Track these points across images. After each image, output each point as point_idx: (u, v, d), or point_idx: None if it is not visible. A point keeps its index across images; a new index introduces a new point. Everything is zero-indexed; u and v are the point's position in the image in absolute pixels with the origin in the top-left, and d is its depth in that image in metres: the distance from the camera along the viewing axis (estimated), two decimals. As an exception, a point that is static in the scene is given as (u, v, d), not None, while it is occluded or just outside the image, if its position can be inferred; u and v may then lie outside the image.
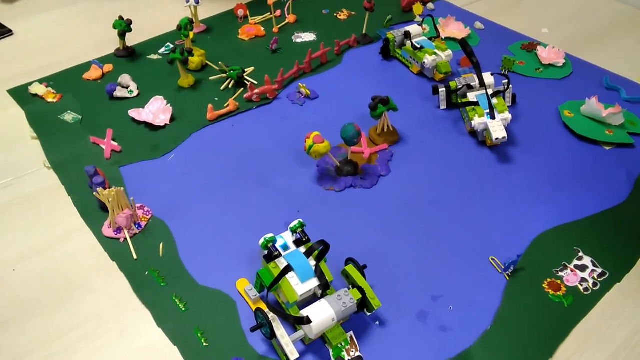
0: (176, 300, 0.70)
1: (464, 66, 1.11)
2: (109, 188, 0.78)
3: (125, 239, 0.77)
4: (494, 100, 0.92)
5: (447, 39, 1.19)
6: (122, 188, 0.78)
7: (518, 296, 0.71)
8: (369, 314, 0.67)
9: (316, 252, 0.65)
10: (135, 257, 0.75)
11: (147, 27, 1.23)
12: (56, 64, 1.13)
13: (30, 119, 0.99)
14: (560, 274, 0.73)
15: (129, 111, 0.98)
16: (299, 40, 1.21)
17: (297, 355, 0.61)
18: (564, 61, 1.12)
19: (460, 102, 0.98)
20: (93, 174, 0.82)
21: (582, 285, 0.72)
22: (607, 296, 0.71)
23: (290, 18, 1.27)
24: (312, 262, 0.66)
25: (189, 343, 0.66)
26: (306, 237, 0.68)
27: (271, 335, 0.61)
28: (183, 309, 0.69)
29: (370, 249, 0.76)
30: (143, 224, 0.80)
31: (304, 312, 0.61)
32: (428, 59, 1.05)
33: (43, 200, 0.84)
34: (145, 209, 0.82)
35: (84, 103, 1.03)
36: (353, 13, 1.30)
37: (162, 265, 0.74)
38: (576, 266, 0.74)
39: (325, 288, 0.65)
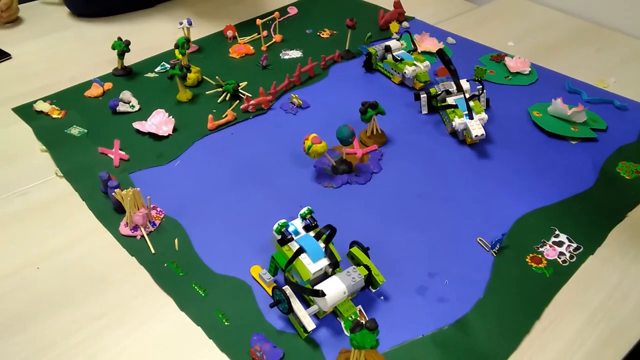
0: (196, 287, 0.76)
1: (440, 75, 1.21)
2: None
3: (142, 236, 0.83)
4: (471, 103, 1.02)
5: (423, 52, 1.30)
6: (138, 189, 0.84)
7: (505, 270, 0.79)
8: (374, 290, 0.74)
9: (324, 236, 0.72)
10: (153, 251, 0.81)
11: (141, 49, 1.29)
12: (57, 84, 1.19)
13: (37, 133, 1.04)
14: (541, 249, 0.82)
15: (133, 124, 1.05)
16: (286, 57, 1.29)
17: (314, 326, 0.67)
18: (530, 69, 1.24)
19: (440, 105, 1.07)
20: (107, 179, 0.88)
21: (560, 258, 0.80)
22: (583, 267, 0.80)
23: (277, 37, 1.36)
24: (322, 245, 0.72)
25: (211, 323, 0.71)
26: (315, 222, 0.75)
27: (288, 310, 0.68)
28: (203, 294, 0.75)
29: (369, 237, 0.83)
30: (157, 222, 0.85)
31: (318, 287, 0.68)
32: (408, 70, 1.14)
33: (58, 206, 0.89)
34: (158, 209, 0.88)
35: (88, 118, 1.08)
36: (335, 32, 1.40)
37: (179, 258, 0.80)
38: (554, 242, 0.83)
39: (334, 266, 0.72)
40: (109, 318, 0.72)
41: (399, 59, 1.17)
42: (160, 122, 1.05)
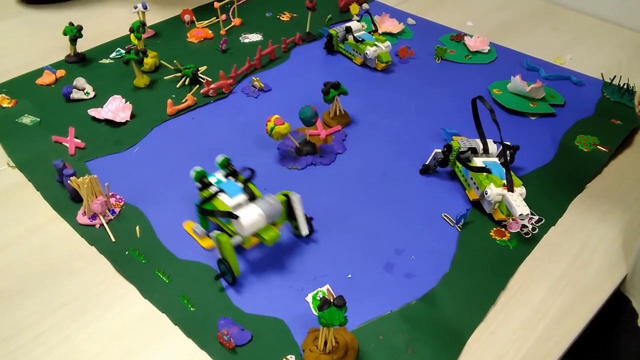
0: (159, 274, 0.74)
1: (402, 57, 1.21)
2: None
3: (102, 224, 0.80)
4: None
5: (384, 33, 1.29)
6: (95, 176, 0.81)
7: (470, 244, 0.79)
8: (304, 234, 0.77)
9: (242, 177, 0.77)
10: (113, 239, 0.78)
11: (95, 34, 1.25)
12: (6, 72, 1.13)
13: (-14, 123, 1.00)
14: (504, 223, 0.83)
15: (89, 110, 1.01)
16: (246, 41, 1.27)
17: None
18: (489, 48, 1.25)
19: (468, 165, 0.85)
20: (62, 167, 0.84)
21: (522, 231, 0.81)
22: (545, 238, 0.81)
23: (236, 21, 1.33)
24: (240, 184, 0.76)
25: (176, 309, 0.69)
26: (233, 169, 0.78)
27: (233, 281, 0.71)
28: (167, 281, 0.73)
29: (335, 217, 0.83)
30: (117, 210, 0.83)
31: (235, 212, 0.71)
32: (370, 50, 1.14)
33: (12, 197, 0.86)
34: (117, 196, 0.85)
35: (41, 106, 1.04)
36: (295, 15, 1.38)
37: (141, 245, 0.78)
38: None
39: (252, 199, 0.74)
40: (70, 308, 0.70)
41: (360, 40, 1.16)
42: (117, 109, 1.01)
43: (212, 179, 0.77)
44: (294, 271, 0.75)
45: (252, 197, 0.74)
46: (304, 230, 0.77)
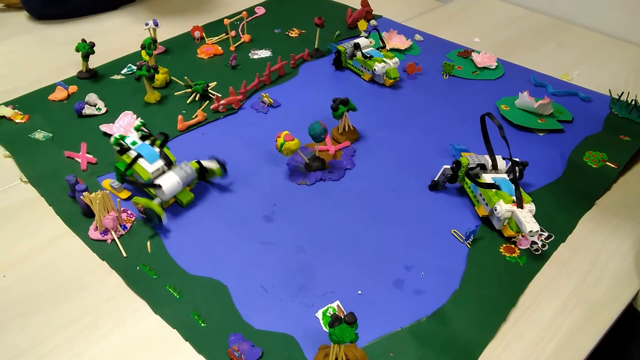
0: (170, 289, 0.74)
1: (410, 73, 1.22)
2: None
3: (113, 239, 0.81)
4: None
5: (392, 49, 1.31)
6: (108, 191, 0.82)
7: (480, 260, 0.79)
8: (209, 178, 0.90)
9: (158, 142, 0.86)
10: (124, 255, 0.79)
11: (106, 51, 1.27)
12: (19, 88, 1.15)
13: (0, 138, 1.00)
14: (513, 239, 0.83)
15: (101, 126, 1.02)
16: (255, 57, 1.28)
17: (166, 221, 0.83)
18: (496, 64, 1.25)
19: (477, 182, 0.85)
20: (74, 182, 0.85)
21: (532, 247, 0.81)
22: (555, 254, 0.81)
23: (245, 37, 1.35)
24: (157, 149, 0.85)
25: (187, 325, 0.70)
26: (148, 132, 0.87)
27: (160, 222, 0.81)
28: (178, 296, 0.73)
29: (344, 232, 0.83)
30: (128, 225, 0.83)
31: (156, 182, 0.82)
32: (378, 66, 1.15)
33: (24, 212, 0.86)
34: (128, 212, 0.86)
35: (53, 122, 1.05)
36: (303, 31, 1.40)
37: (152, 261, 0.78)
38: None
39: (169, 165, 0.85)
40: (81, 324, 0.70)
41: (368, 56, 1.17)
42: (128, 124, 1.02)
43: (128, 140, 0.85)
44: (304, 287, 0.75)
45: (168, 162, 0.85)
46: (220, 171, 0.89)
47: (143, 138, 0.87)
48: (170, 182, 0.83)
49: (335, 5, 1.55)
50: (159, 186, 0.81)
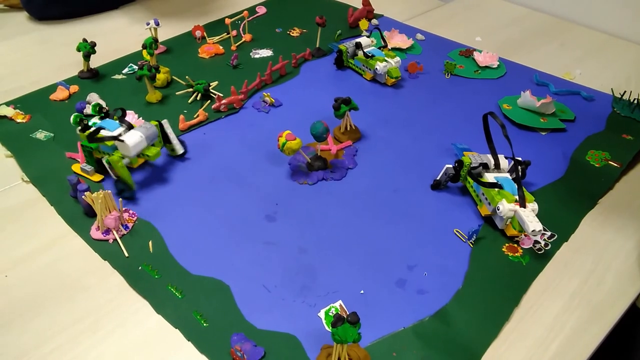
0: (172, 289, 0.74)
1: (411, 72, 1.21)
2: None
3: (115, 239, 0.81)
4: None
5: (393, 48, 1.30)
6: (109, 191, 0.81)
7: (482, 260, 0.79)
8: (179, 153, 0.95)
9: (116, 117, 0.90)
10: (126, 254, 0.79)
11: (108, 51, 1.27)
12: (20, 88, 1.15)
13: (1, 138, 1.00)
14: (516, 239, 0.82)
15: (102, 126, 1.02)
16: (257, 56, 1.28)
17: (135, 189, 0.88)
18: (498, 63, 1.25)
19: (480, 181, 0.85)
20: (76, 182, 0.85)
21: (535, 247, 0.81)
22: (558, 254, 0.81)
23: (247, 37, 1.34)
24: (116, 120, 0.89)
25: (189, 325, 0.70)
26: (106, 111, 0.91)
27: (131, 195, 0.87)
28: (180, 296, 0.73)
29: (346, 231, 0.83)
30: (130, 225, 0.83)
31: (121, 138, 0.85)
32: (380, 66, 1.15)
33: (26, 212, 0.86)
34: (130, 211, 0.86)
35: (54, 122, 1.05)
36: (305, 30, 1.40)
37: (154, 260, 0.78)
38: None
39: (130, 128, 0.89)
40: (83, 324, 0.70)
41: (370, 55, 1.17)
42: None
43: (89, 123, 0.89)
44: (306, 287, 0.75)
45: (129, 127, 0.88)
46: (179, 150, 0.95)
47: (102, 118, 0.90)
48: (133, 137, 0.87)
49: (337, 4, 1.55)
50: (122, 140, 0.85)
